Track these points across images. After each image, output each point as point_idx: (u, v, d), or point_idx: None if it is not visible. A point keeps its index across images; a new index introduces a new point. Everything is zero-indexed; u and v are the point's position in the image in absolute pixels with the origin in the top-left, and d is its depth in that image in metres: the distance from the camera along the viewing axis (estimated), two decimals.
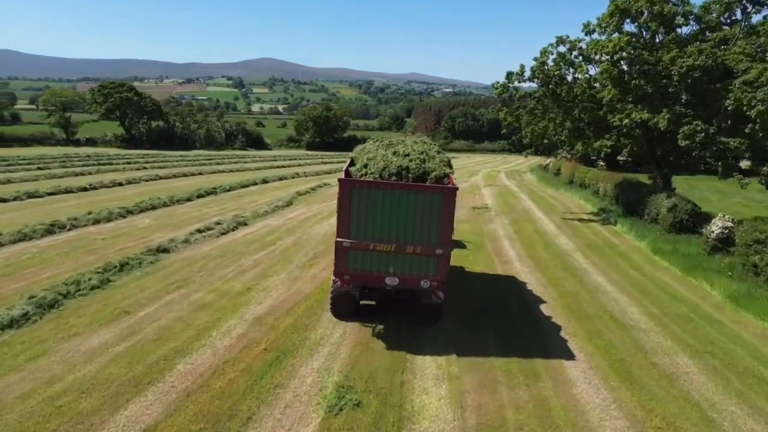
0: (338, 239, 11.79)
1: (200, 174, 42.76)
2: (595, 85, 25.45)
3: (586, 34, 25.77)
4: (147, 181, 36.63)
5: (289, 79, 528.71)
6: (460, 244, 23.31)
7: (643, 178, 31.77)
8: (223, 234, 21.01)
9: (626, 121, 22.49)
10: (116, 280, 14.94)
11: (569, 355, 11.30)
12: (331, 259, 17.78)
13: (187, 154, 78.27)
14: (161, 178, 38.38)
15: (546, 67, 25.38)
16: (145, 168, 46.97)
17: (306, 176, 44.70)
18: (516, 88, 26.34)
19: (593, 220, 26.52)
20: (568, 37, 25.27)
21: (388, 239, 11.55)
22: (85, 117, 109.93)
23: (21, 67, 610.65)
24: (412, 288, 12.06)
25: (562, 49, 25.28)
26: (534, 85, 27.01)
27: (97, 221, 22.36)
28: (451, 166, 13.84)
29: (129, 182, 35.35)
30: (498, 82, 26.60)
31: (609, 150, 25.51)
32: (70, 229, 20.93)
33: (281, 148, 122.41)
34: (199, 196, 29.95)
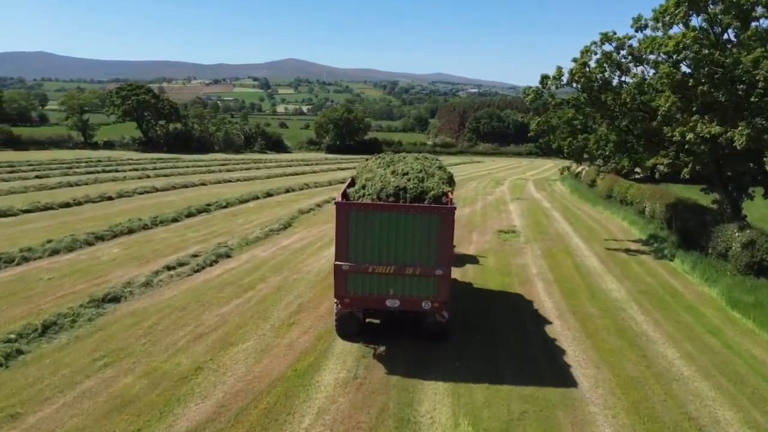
0: (337, 262, 11.57)
1: (202, 185, 39.39)
2: (646, 90, 21.08)
3: (636, 30, 21.45)
4: (141, 194, 33.35)
5: (314, 79, 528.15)
6: (473, 259, 20.01)
7: (692, 193, 27.30)
8: (196, 271, 17.32)
9: (690, 135, 18.15)
10: (30, 352, 11.33)
11: None
12: (319, 313, 14.05)
13: (202, 158, 75.57)
14: (157, 190, 35.06)
15: (587, 70, 21.14)
16: (148, 177, 43.93)
17: (316, 187, 41.00)
18: (552, 95, 22.11)
19: (643, 252, 22.14)
20: (614, 33, 20.99)
21: (387, 261, 11.34)
22: (106, 119, 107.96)
23: (55, 69, 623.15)
24: (414, 310, 11.82)
25: (607, 47, 21.03)
26: (568, 88, 22.88)
27: (55, 252, 18.90)
28: (453, 182, 14.08)
29: (120, 195, 32.11)
30: (530, 88, 22.39)
31: (666, 169, 21.08)
32: (19, 264, 17.51)
33: (301, 150, 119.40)
34: (189, 215, 26.43)
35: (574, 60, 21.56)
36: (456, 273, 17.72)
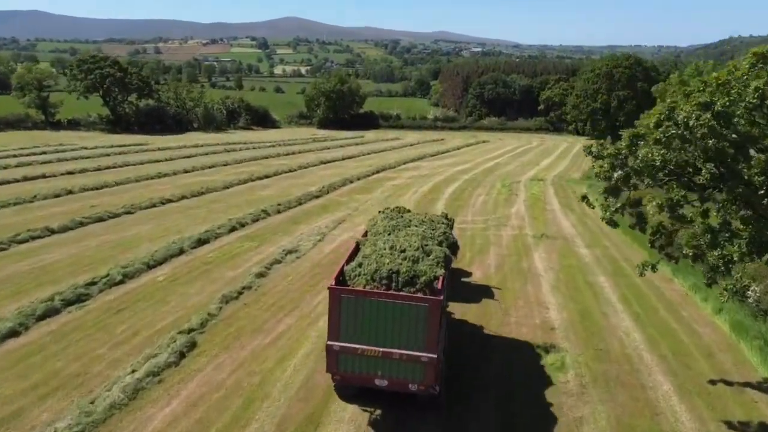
0: (329, 342, 11.70)
1: (128, 214, 29.25)
2: None
3: None
4: (21, 243, 23.46)
5: (314, 39, 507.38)
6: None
7: None
8: None
9: None
10: None
11: None
12: None
13: (171, 143, 65.43)
14: (53, 233, 25.06)
15: (714, 117, 10.86)
16: (70, 194, 33.96)
17: (279, 213, 30.88)
18: (642, 164, 11.56)
19: None
20: None
21: (376, 344, 11.44)
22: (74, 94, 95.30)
23: (49, 29, 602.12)
24: (401, 391, 11.90)
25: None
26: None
27: None
28: (457, 247, 16.41)
29: None
30: (604, 149, 12.02)
31: None
32: None
33: (291, 125, 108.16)
34: (44, 318, 16.47)
35: (673, 105, 11.21)
36: None
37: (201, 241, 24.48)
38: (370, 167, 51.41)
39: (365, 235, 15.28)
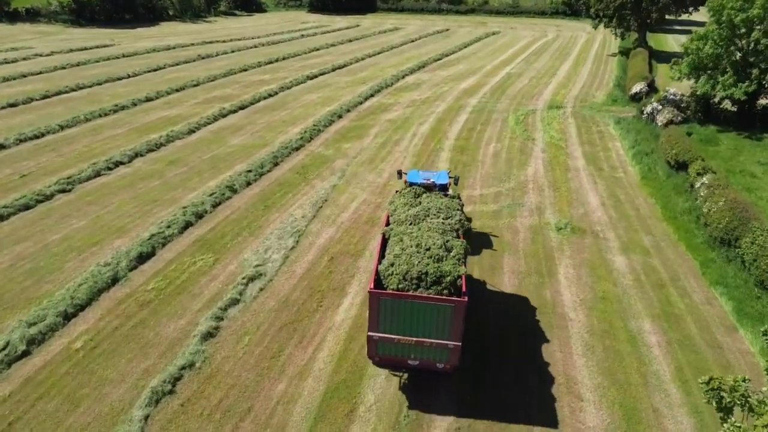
0: (369, 333, 13.21)
1: (43, 200, 23.65)
2: None
3: None
4: None
5: None
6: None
7: None
8: None
9: None
10: None
11: None
12: None
13: (136, 45, 57.19)
14: None
15: None
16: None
17: (250, 184, 25.12)
18: None
19: None
20: None
21: (410, 334, 12.95)
22: None
23: None
24: (430, 369, 13.58)
25: None
26: None
27: None
28: (470, 232, 18.29)
29: None
30: None
31: None
32: None
33: (279, 8, 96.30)
34: None
35: None
36: None
37: (142, 257, 19.21)
38: (363, 86, 44.26)
39: (387, 222, 15.91)
